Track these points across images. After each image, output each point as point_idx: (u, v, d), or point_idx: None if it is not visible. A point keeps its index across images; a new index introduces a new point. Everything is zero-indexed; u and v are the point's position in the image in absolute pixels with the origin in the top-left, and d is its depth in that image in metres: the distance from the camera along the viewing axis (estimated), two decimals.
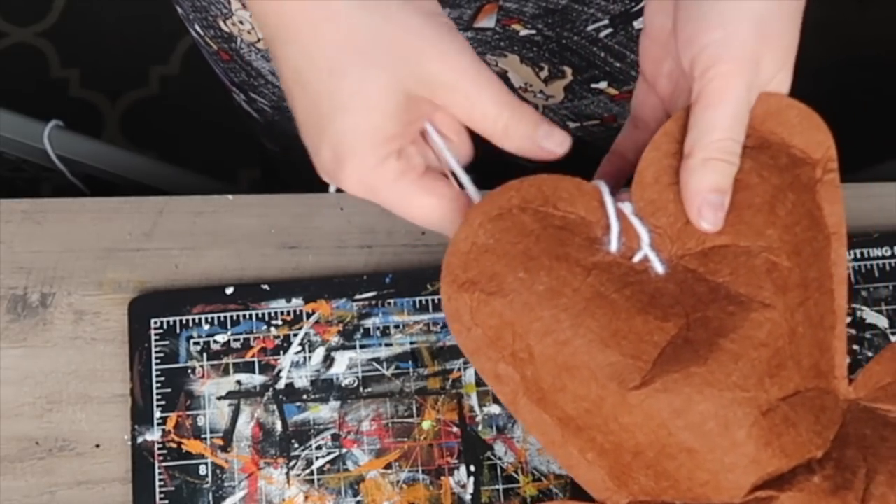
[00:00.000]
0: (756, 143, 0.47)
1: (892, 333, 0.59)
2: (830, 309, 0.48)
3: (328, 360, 0.59)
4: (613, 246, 0.47)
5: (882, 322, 0.59)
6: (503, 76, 0.76)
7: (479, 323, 0.47)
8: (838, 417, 0.48)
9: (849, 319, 0.59)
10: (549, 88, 0.74)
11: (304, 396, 0.58)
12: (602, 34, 0.67)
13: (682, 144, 0.47)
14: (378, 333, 0.59)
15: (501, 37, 0.68)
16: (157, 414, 0.58)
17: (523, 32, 0.67)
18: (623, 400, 0.46)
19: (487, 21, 0.65)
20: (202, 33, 0.71)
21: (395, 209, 0.45)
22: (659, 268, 0.47)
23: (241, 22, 0.66)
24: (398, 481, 0.57)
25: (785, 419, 0.46)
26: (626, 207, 0.47)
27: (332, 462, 0.57)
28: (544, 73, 0.72)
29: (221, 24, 0.67)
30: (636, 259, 0.47)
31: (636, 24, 0.67)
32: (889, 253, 0.61)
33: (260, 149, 0.95)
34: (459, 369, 0.59)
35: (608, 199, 0.47)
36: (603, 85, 0.73)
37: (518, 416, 0.48)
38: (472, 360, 0.48)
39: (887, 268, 0.60)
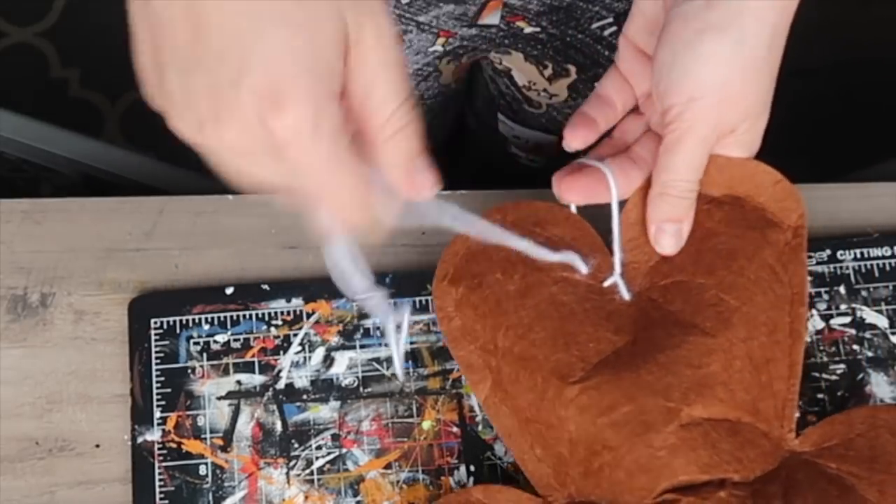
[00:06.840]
0: (731, 201, 0.54)
1: (892, 333, 0.59)
2: (783, 361, 0.52)
3: (328, 360, 0.59)
4: (582, 269, 0.54)
5: (882, 322, 0.59)
6: (507, 74, 0.76)
7: (460, 314, 0.55)
8: (773, 460, 0.51)
9: (848, 319, 0.59)
10: (552, 87, 0.74)
11: (304, 396, 0.58)
12: (606, 32, 0.68)
13: None
14: (378, 333, 0.59)
15: (506, 34, 0.68)
16: (157, 414, 0.58)
17: (528, 30, 0.67)
18: (561, 393, 0.51)
19: (492, 17, 0.65)
20: None
21: (315, 172, 0.36)
22: (626, 295, 0.54)
23: None
24: (398, 481, 0.57)
25: (704, 435, 0.49)
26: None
27: (332, 462, 0.57)
28: (548, 72, 0.73)
29: None
30: (606, 284, 0.54)
31: None
32: (889, 253, 0.60)
33: None
34: (459, 369, 0.59)
35: (593, 232, 0.55)
36: None
37: (484, 406, 0.54)
38: (452, 349, 0.55)
39: (887, 268, 0.60)
